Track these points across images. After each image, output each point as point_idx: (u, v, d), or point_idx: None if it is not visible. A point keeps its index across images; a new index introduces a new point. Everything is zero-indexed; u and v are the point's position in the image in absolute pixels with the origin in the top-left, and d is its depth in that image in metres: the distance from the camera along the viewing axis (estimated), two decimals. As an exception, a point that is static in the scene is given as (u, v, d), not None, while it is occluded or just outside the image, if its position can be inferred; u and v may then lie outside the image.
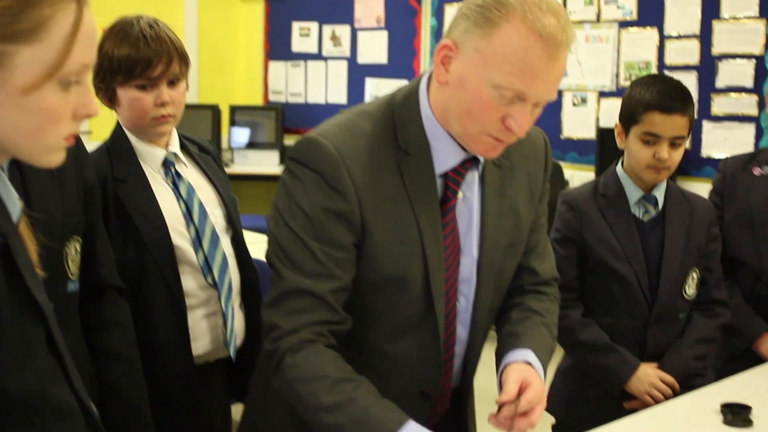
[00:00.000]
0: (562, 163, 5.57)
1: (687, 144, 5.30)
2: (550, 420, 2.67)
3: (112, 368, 1.96)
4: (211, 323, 2.21)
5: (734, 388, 2.25)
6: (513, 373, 1.65)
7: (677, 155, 2.45)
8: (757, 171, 2.92)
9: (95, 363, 1.95)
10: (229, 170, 4.92)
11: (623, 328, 2.52)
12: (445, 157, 1.66)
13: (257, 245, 2.32)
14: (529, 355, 1.71)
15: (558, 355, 2.13)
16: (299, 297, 1.58)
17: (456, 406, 1.89)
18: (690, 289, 2.56)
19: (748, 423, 1.99)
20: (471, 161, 1.69)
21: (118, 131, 2.18)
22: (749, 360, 2.75)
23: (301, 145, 1.62)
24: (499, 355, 1.77)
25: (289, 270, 1.59)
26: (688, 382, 2.48)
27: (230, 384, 2.37)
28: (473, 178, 1.72)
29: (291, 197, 1.60)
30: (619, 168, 2.56)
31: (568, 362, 2.65)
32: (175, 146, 2.22)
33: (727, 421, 1.99)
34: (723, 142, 5.11)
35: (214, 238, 2.20)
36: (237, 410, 2.21)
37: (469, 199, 1.72)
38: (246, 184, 6.59)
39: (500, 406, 1.63)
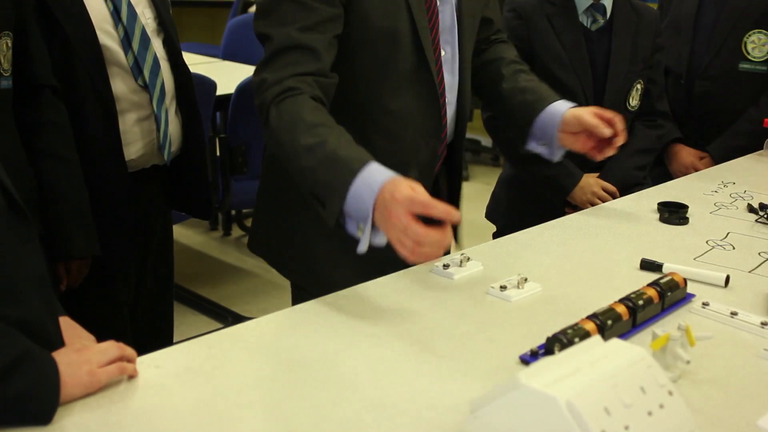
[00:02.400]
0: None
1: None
2: (492, 228, 2.69)
3: (51, 169, 1.93)
4: (144, 128, 2.15)
5: (672, 190, 2.26)
6: (576, 111, 1.88)
7: None
8: None
9: (33, 164, 1.90)
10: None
11: None
12: None
13: (202, 66, 2.23)
14: (565, 104, 1.92)
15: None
16: (287, 52, 1.63)
17: (450, 161, 1.97)
18: (633, 101, 2.54)
19: (684, 221, 2.00)
20: None
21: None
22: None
23: None
24: (529, 115, 1.94)
25: (278, 28, 1.65)
26: (628, 191, 2.49)
27: (167, 192, 2.33)
28: None
29: None
30: None
31: (510, 172, 2.65)
32: (101, -57, 2.10)
33: (664, 219, 2.01)
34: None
35: (145, 39, 2.11)
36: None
37: None
38: (187, 11, 6.38)
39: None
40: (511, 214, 2.60)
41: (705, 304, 1.53)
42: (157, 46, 2.15)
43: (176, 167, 2.28)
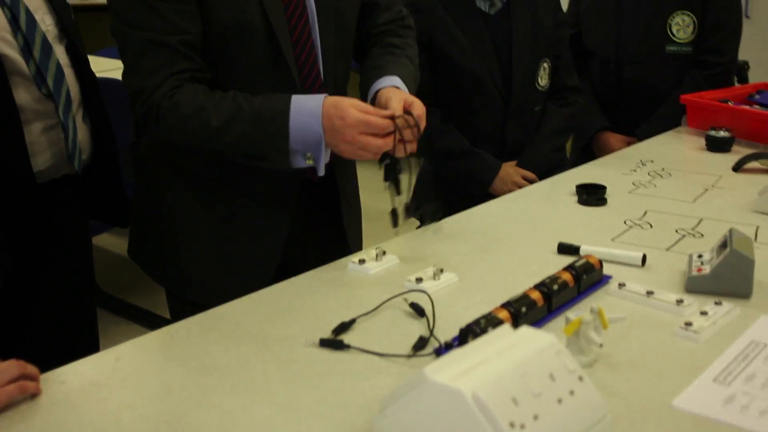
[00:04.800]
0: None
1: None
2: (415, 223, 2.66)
3: None
4: (52, 137, 2.07)
5: (589, 172, 2.27)
6: (390, 93, 1.68)
7: None
8: None
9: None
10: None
11: (481, 128, 2.50)
12: None
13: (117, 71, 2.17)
14: (396, 81, 1.75)
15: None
16: (149, 53, 1.64)
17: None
18: (542, 80, 2.54)
19: (602, 201, 2.00)
20: None
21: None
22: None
23: None
24: (364, 87, 1.81)
25: (135, 29, 1.65)
26: (549, 174, 2.49)
27: (80, 200, 2.26)
28: None
29: None
30: None
31: (428, 167, 2.62)
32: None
33: (582, 201, 2.00)
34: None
35: (46, 47, 2.04)
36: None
37: None
38: (99, 15, 6.11)
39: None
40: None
41: (621, 285, 1.52)
42: (59, 53, 2.08)
43: (89, 175, 2.22)
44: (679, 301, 1.45)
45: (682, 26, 2.79)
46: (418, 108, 1.65)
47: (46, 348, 2.19)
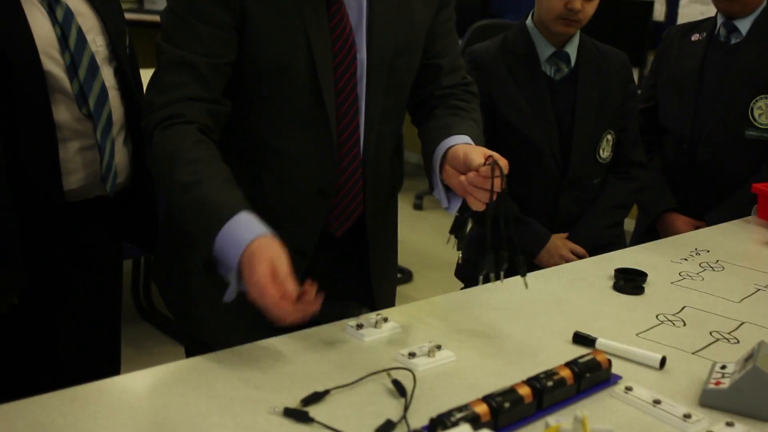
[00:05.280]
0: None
1: (661, 16, 5.11)
2: (459, 285, 2.57)
3: None
4: (87, 158, 2.06)
5: (637, 256, 2.13)
6: (467, 148, 1.57)
7: (591, 7, 2.27)
8: (695, 36, 2.75)
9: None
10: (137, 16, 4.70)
11: (534, 196, 2.39)
12: None
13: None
14: (467, 139, 1.66)
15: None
16: (174, 70, 1.60)
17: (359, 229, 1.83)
18: (604, 152, 2.42)
19: (638, 290, 1.87)
20: None
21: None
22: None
23: None
24: (429, 147, 1.70)
25: (169, 44, 1.62)
26: (600, 252, 2.36)
27: (112, 223, 2.24)
28: None
29: None
30: (528, 21, 2.37)
31: (476, 230, 2.52)
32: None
33: (617, 287, 1.88)
34: (699, 16, 4.88)
35: (93, 67, 2.03)
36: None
37: None
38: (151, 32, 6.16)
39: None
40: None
41: (628, 389, 1.40)
42: (107, 74, 2.07)
43: (123, 199, 2.20)
44: (687, 416, 1.32)
45: (765, 111, 2.63)
46: (504, 160, 1.55)
47: (67, 370, 2.17)
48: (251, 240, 1.39)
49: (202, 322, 1.81)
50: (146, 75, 2.29)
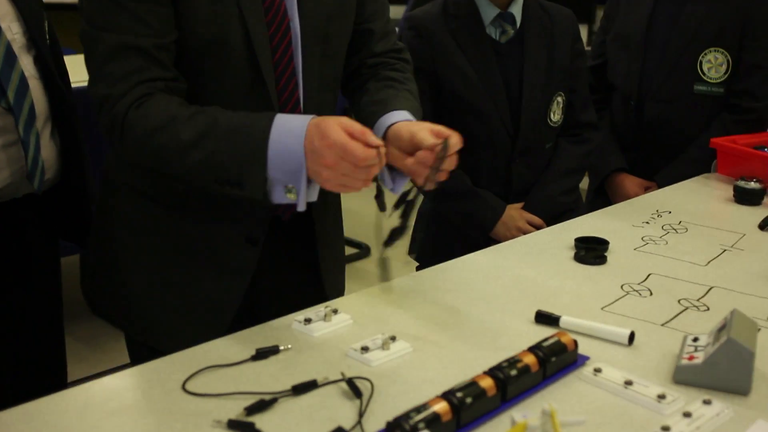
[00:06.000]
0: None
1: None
2: (414, 264, 2.48)
3: None
4: (11, 154, 1.93)
5: (596, 222, 2.05)
6: (413, 126, 1.51)
7: None
8: None
9: None
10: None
11: (486, 166, 2.29)
12: None
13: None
14: (407, 115, 1.59)
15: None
16: (120, 58, 1.46)
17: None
18: (555, 116, 2.32)
19: (601, 260, 1.78)
20: None
21: None
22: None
23: None
24: (368, 126, 1.58)
25: (102, 31, 1.47)
26: (558, 219, 2.28)
27: (45, 220, 2.11)
28: None
29: None
30: None
31: (428, 205, 2.42)
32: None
33: (579, 258, 1.79)
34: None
35: (10, 56, 1.89)
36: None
37: None
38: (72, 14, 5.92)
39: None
40: (433, 252, 2.37)
41: (597, 371, 1.31)
42: (26, 63, 1.94)
43: (53, 195, 2.07)
44: (661, 397, 1.24)
45: (714, 64, 2.55)
46: (455, 137, 1.47)
47: (9, 382, 2.06)
48: (307, 122, 1.37)
49: (143, 323, 1.71)
50: (70, 61, 2.17)
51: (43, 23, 2.04)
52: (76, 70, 2.29)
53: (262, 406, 1.19)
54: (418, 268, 2.43)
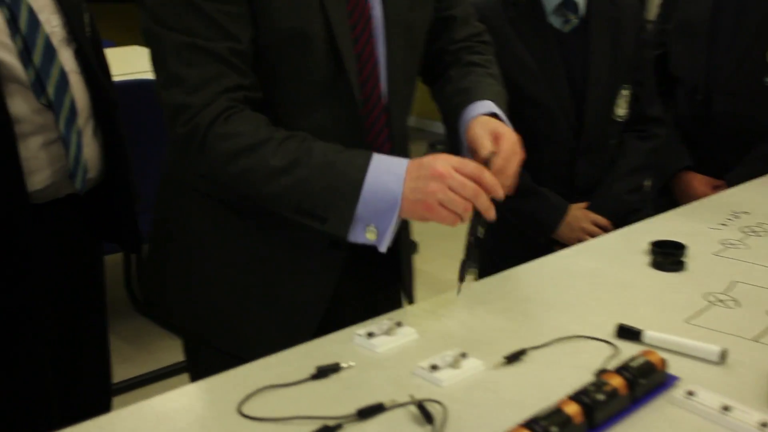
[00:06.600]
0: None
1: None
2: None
3: None
4: (52, 153, 1.85)
5: (670, 224, 1.92)
6: (478, 127, 1.48)
7: None
8: None
9: None
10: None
11: (547, 163, 2.17)
12: None
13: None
14: (490, 105, 1.53)
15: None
16: (197, 62, 1.36)
17: None
18: (621, 110, 2.19)
19: (678, 266, 1.66)
20: None
21: None
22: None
23: None
24: (452, 119, 1.60)
25: (174, 32, 1.36)
26: (624, 219, 2.15)
27: (91, 222, 2.03)
28: None
29: None
30: None
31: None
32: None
33: (656, 264, 1.67)
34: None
35: (49, 51, 1.81)
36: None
37: None
38: (119, 7, 5.75)
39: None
40: (491, 256, 2.24)
41: (690, 394, 1.19)
42: (65, 58, 1.86)
43: (96, 196, 1.99)
44: (764, 425, 1.12)
45: None
46: (507, 145, 1.43)
47: (56, 377, 2.00)
48: (406, 161, 1.35)
49: (220, 329, 1.60)
50: (111, 54, 2.09)
51: (84, 15, 1.96)
52: (116, 63, 2.21)
53: (326, 433, 1.09)
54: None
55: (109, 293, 2.18)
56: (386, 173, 1.33)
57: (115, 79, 2.12)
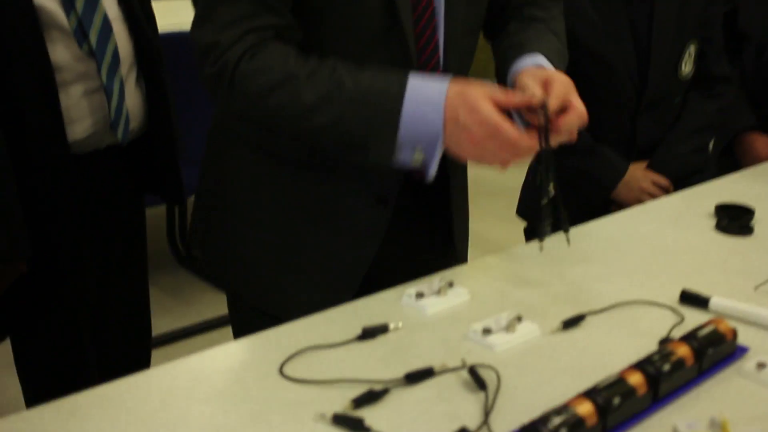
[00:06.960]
0: None
1: None
2: (522, 223, 2.29)
3: None
4: (94, 102, 1.80)
5: (735, 186, 1.83)
6: (526, 77, 1.36)
7: None
8: None
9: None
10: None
11: (607, 121, 2.08)
12: None
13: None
14: (540, 59, 1.43)
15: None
16: (232, 1, 1.30)
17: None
18: (686, 67, 2.09)
19: (747, 230, 1.57)
20: None
21: None
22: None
23: None
24: (501, 71, 1.51)
25: None
26: (686, 180, 2.06)
27: (130, 173, 1.98)
28: None
29: None
30: None
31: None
32: None
33: (721, 227, 1.58)
34: None
35: (92, -3, 1.75)
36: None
37: None
38: None
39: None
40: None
41: (761, 366, 1.11)
42: (108, 5, 1.80)
43: (140, 146, 1.94)
44: (844, 401, 1.04)
45: None
46: (559, 87, 1.31)
47: (98, 327, 1.98)
48: (445, 88, 1.25)
49: (259, 286, 1.55)
50: (158, 6, 2.02)
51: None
52: (163, 15, 2.15)
53: (371, 397, 1.03)
54: (526, 230, 2.24)
55: (152, 246, 2.15)
56: (425, 103, 1.25)
57: (162, 31, 2.06)
